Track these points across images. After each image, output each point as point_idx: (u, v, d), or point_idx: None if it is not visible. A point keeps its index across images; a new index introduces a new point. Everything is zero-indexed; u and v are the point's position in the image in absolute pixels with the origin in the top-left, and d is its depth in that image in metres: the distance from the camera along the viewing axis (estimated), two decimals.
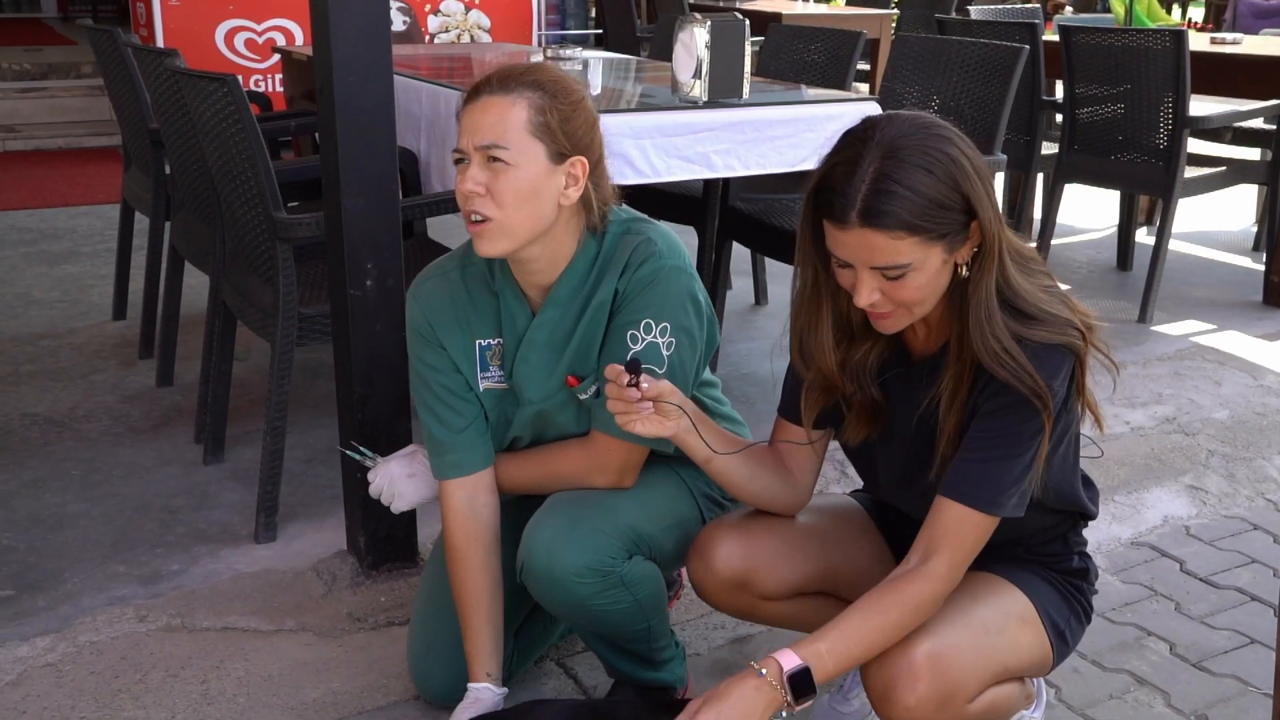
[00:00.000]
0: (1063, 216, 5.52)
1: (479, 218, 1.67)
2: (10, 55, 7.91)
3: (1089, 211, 5.79)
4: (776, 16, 6.37)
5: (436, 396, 1.83)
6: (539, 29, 7.51)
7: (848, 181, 1.48)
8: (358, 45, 2.11)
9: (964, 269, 1.54)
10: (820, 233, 1.56)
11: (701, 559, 1.77)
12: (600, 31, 7.95)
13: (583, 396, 1.78)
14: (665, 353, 1.74)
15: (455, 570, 1.84)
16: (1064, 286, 1.68)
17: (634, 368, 1.55)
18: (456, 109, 1.75)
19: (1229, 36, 4.83)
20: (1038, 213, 4.85)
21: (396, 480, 1.96)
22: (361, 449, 2.10)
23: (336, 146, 2.15)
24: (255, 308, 2.62)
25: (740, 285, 4.34)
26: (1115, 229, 5.04)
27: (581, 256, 1.77)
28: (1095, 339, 1.60)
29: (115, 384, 3.48)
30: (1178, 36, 3.97)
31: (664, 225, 1.83)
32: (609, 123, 2.59)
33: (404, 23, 7.35)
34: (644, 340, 1.73)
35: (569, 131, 1.70)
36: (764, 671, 1.51)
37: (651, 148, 2.64)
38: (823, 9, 8.18)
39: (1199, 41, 4.77)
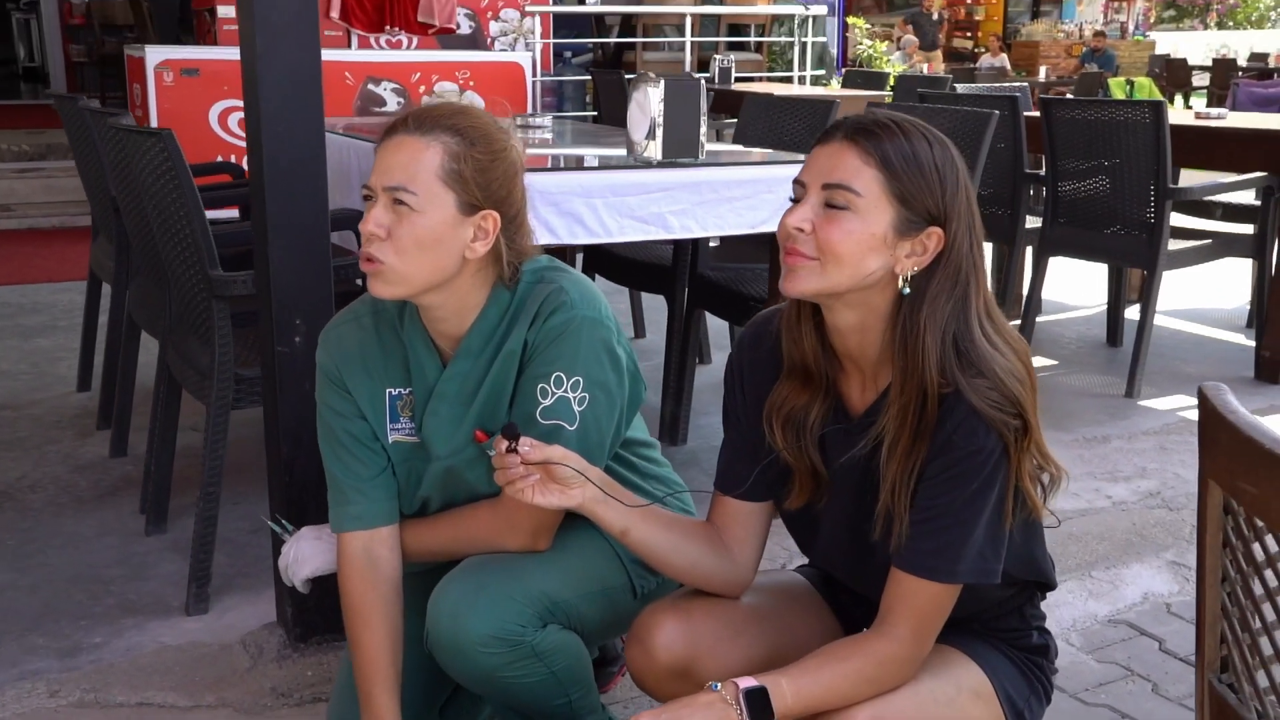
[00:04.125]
0: (1053, 293, 5.47)
1: (378, 260, 1.59)
2: (13, 138, 7.98)
3: (1079, 288, 5.71)
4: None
5: (341, 444, 1.74)
6: (534, 112, 7.58)
7: (854, 115, 1.49)
8: (287, 95, 2.06)
9: (904, 281, 1.45)
10: None
11: (640, 645, 1.63)
12: (596, 114, 8.01)
13: (492, 452, 1.68)
14: (577, 408, 1.64)
15: (350, 623, 1.72)
16: (1049, 362, 1.58)
17: (511, 432, 1.45)
18: (375, 144, 1.67)
19: (1214, 111, 4.79)
20: (1026, 289, 4.78)
21: (302, 545, 1.86)
22: (282, 521, 2.00)
23: (265, 199, 2.09)
24: (194, 370, 2.55)
25: (720, 359, 4.26)
26: (1105, 305, 4.96)
27: (493, 306, 1.68)
28: (1033, 449, 1.47)
29: (68, 454, 3.40)
30: (1156, 109, 3.93)
31: (580, 274, 1.74)
32: (558, 181, 2.55)
33: (470, 28, 7.53)
34: (554, 394, 1.63)
35: (484, 183, 1.62)
36: (718, 686, 1.42)
37: (603, 206, 2.57)
38: (818, 90, 8.22)
39: (1184, 117, 4.74)
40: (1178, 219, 4.64)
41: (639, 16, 8.72)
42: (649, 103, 2.62)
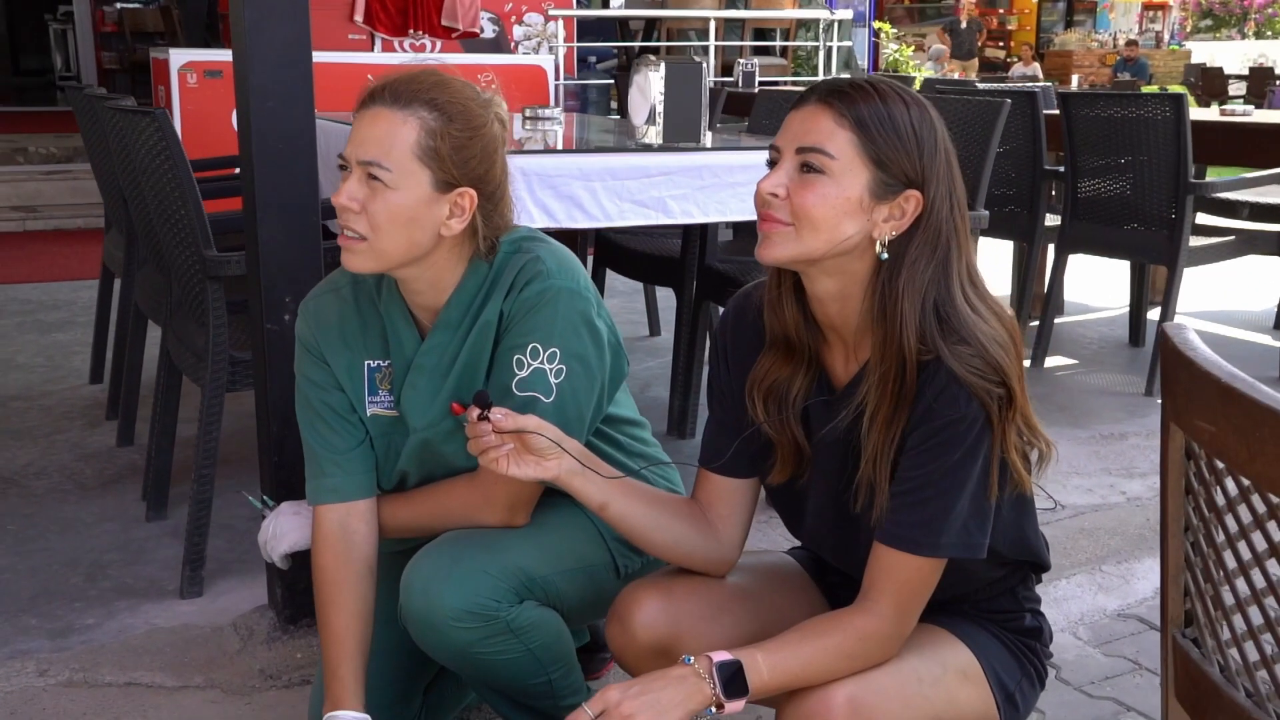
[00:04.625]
0: (1075, 295, 5.40)
1: (351, 234, 1.57)
2: (41, 141, 8.06)
3: (1102, 290, 5.64)
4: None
5: (319, 415, 1.71)
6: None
7: (830, 79, 1.47)
8: (278, 70, 2.05)
9: (882, 247, 1.41)
10: None
11: (620, 623, 1.59)
12: (619, 118, 8.01)
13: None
14: (553, 380, 1.61)
15: (320, 597, 1.69)
16: (1069, 361, 1.53)
17: (483, 400, 1.42)
18: (354, 109, 1.65)
19: (1238, 108, 4.71)
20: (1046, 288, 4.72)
21: (281, 520, 1.83)
22: (264, 497, 1.98)
23: (254, 175, 2.08)
24: (190, 353, 2.54)
25: None
26: (1128, 307, 4.88)
27: (471, 278, 1.65)
28: (1019, 420, 1.42)
29: (76, 443, 3.40)
30: (1177, 102, 3.87)
31: (559, 244, 1.71)
32: (557, 163, 2.53)
33: (493, 31, 7.57)
34: (530, 365, 1.60)
35: (461, 160, 1.58)
36: (690, 660, 1.38)
37: (602, 190, 2.54)
38: None
39: (1210, 114, 4.66)
40: (1204, 219, 4.57)
41: (663, 21, 8.71)
42: (649, 86, 2.59)
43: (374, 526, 1.73)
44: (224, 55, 6.99)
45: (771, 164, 1.45)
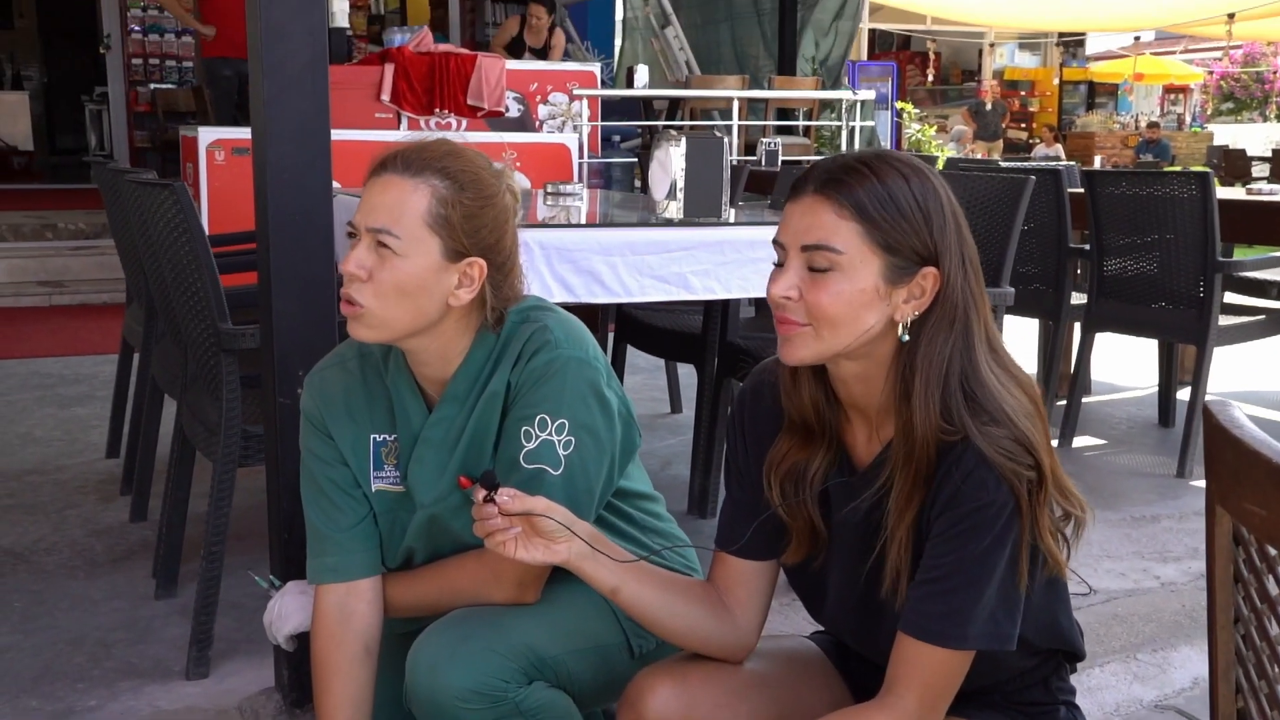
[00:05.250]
0: (1103, 374, 5.32)
1: (355, 301, 1.54)
2: (70, 217, 8.15)
3: (1130, 370, 5.56)
4: None
5: (322, 491, 1.67)
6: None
7: (822, 163, 1.38)
8: (295, 143, 2.04)
9: (904, 329, 1.37)
10: None
11: (632, 709, 1.52)
12: (640, 193, 8.04)
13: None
14: (562, 452, 1.56)
15: (314, 681, 1.63)
16: (1098, 441, 1.48)
17: (489, 481, 1.37)
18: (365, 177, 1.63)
19: (1265, 187, 4.67)
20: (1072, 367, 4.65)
21: (286, 600, 1.78)
22: (270, 576, 1.93)
23: (269, 247, 2.06)
24: (203, 426, 2.51)
25: None
26: (1156, 387, 4.81)
27: (478, 349, 1.62)
28: (1051, 493, 1.36)
29: (88, 518, 3.37)
30: (1203, 180, 3.83)
31: (568, 314, 1.67)
32: (575, 238, 2.50)
33: (518, 111, 7.64)
34: (538, 437, 1.55)
35: (471, 229, 1.56)
36: None
37: (622, 265, 2.51)
38: None
39: (1235, 193, 4.63)
40: (1233, 298, 4.51)
41: (687, 100, 8.78)
42: (670, 161, 2.58)
43: (376, 606, 1.67)
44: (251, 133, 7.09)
45: (779, 261, 1.41)
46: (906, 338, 1.37)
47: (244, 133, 6.73)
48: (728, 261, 2.64)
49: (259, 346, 2.27)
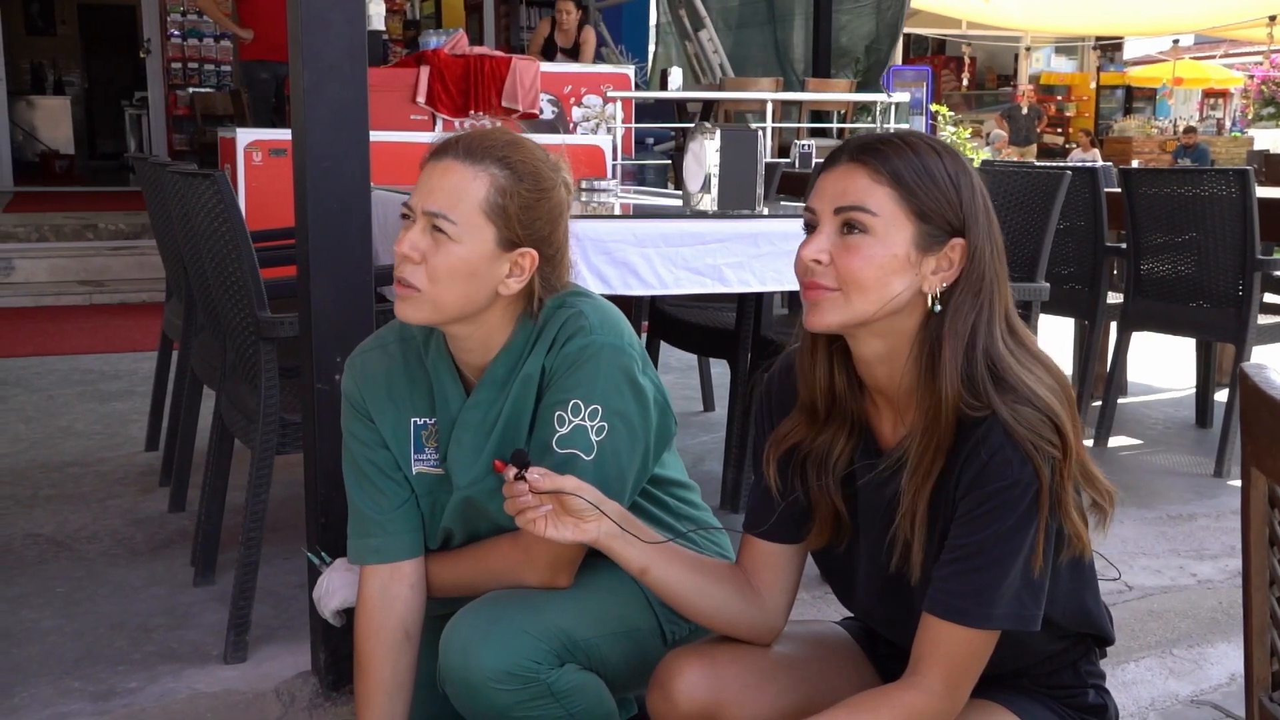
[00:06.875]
0: (1140, 375, 5.28)
1: (407, 283, 1.56)
2: (111, 219, 8.26)
3: (1167, 371, 5.52)
4: None
5: (364, 473, 1.69)
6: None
7: (857, 136, 1.42)
8: (332, 131, 2.07)
9: (934, 299, 1.37)
10: None
11: (661, 690, 1.54)
12: (675, 190, 8.05)
13: None
14: (594, 438, 1.57)
15: (354, 664, 1.66)
16: (1134, 441, 1.48)
17: (520, 460, 1.39)
18: (423, 159, 1.64)
19: None
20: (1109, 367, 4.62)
21: (333, 576, 1.80)
22: (320, 552, 1.95)
23: (308, 235, 2.08)
24: (242, 414, 2.54)
25: None
26: (1194, 388, 4.76)
27: (519, 334, 1.64)
28: (1074, 470, 1.37)
29: (128, 509, 3.41)
30: (1242, 178, 3.80)
31: (605, 300, 1.68)
32: (611, 229, 2.52)
33: (552, 113, 7.68)
34: (571, 423, 1.57)
35: (527, 220, 1.58)
36: None
37: (657, 256, 2.53)
38: None
39: (1275, 191, 4.58)
40: (1271, 298, 4.47)
41: (720, 103, 8.79)
42: (705, 154, 2.59)
43: (419, 590, 1.69)
44: (288, 134, 7.16)
45: (809, 228, 1.42)
46: (939, 307, 1.37)
47: (281, 134, 6.82)
48: (762, 254, 2.64)
49: (297, 335, 2.30)
